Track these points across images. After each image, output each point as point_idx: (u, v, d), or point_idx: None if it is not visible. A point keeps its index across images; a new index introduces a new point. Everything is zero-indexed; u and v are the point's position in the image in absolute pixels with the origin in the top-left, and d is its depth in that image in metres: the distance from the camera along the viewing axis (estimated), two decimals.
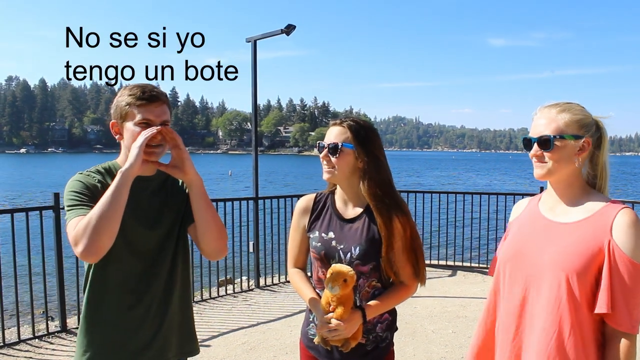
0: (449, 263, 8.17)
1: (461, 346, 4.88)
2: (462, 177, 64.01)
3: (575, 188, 1.67)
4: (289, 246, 2.22)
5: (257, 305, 6.24)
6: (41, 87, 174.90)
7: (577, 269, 1.54)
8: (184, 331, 2.05)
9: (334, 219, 2.07)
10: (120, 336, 1.87)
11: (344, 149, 1.98)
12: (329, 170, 2.02)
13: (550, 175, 1.67)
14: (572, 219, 1.63)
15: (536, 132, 1.66)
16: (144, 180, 1.91)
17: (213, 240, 1.91)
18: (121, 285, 1.87)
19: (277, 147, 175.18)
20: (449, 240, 8.36)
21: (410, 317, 5.60)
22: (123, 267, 1.86)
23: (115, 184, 1.71)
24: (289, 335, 5.16)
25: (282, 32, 7.27)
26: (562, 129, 1.62)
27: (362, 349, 2.00)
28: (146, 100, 1.82)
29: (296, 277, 2.16)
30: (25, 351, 4.70)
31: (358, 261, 1.97)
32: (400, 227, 1.97)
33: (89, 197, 1.79)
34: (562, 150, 1.62)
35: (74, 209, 1.76)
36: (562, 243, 1.61)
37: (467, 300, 6.33)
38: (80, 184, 1.82)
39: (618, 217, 1.54)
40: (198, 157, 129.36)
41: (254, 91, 7.54)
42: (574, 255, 1.56)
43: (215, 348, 4.82)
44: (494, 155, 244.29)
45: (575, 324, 1.55)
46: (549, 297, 1.58)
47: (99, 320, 1.87)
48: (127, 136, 1.86)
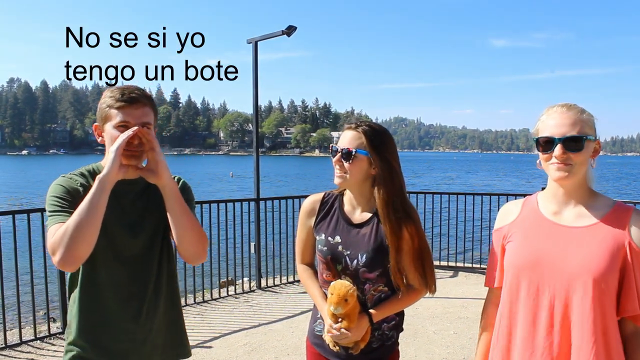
0: (450, 264, 8.17)
1: (462, 347, 4.88)
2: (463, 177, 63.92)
3: (584, 190, 1.66)
4: (297, 241, 2.22)
5: (259, 307, 6.24)
6: (43, 89, 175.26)
7: (605, 272, 1.53)
8: (174, 334, 2.03)
9: (341, 222, 2.05)
10: (109, 339, 1.86)
11: (357, 155, 1.94)
12: (341, 175, 1.98)
13: (573, 179, 1.62)
14: (586, 223, 1.61)
15: (560, 132, 1.59)
16: (128, 183, 1.88)
17: (191, 245, 1.87)
18: (110, 290, 1.85)
19: (279, 148, 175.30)
20: (450, 241, 8.35)
21: (411, 317, 5.58)
22: (111, 272, 1.85)
23: (93, 191, 1.68)
24: (290, 336, 5.16)
25: (283, 34, 7.29)
26: (586, 130, 1.59)
27: (368, 346, 2.01)
28: (125, 102, 1.79)
29: (304, 275, 2.17)
30: (27, 352, 4.70)
31: (364, 269, 1.96)
32: (409, 236, 1.93)
33: (70, 202, 1.77)
34: (586, 152, 1.60)
35: (54, 216, 1.74)
36: (587, 248, 1.58)
37: (469, 301, 6.32)
38: (61, 189, 1.80)
39: (633, 217, 1.55)
40: (199, 159, 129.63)
41: (255, 92, 7.55)
42: (600, 259, 1.54)
43: (217, 349, 4.82)
44: (496, 156, 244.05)
45: (608, 328, 1.54)
46: (583, 304, 1.54)
47: (89, 323, 1.86)
48: (106, 139, 1.83)
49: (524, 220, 1.76)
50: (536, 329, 1.62)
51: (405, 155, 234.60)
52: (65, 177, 1.85)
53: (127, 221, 1.87)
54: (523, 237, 1.72)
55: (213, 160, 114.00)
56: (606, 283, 1.52)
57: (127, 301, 1.87)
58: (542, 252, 1.64)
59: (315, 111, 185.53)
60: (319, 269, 2.12)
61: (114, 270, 1.85)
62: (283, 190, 38.18)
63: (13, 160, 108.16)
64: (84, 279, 1.84)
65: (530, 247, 1.69)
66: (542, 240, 1.67)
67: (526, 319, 1.65)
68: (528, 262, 1.67)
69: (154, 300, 1.93)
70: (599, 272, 1.52)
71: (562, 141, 1.57)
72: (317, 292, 2.09)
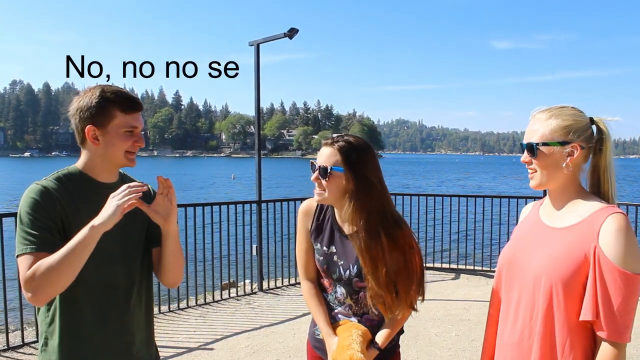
0: (452, 266, 8.17)
1: (464, 349, 4.87)
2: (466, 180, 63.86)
3: (569, 194, 1.64)
4: (298, 254, 2.17)
5: (261, 309, 6.24)
6: (45, 91, 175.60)
7: (562, 275, 1.51)
8: (150, 342, 2.03)
9: (335, 232, 2.06)
10: (90, 351, 1.81)
11: (333, 172, 1.92)
12: (320, 192, 1.97)
13: (543, 184, 1.66)
14: (565, 224, 1.61)
15: (525, 138, 1.66)
16: (110, 187, 1.81)
17: (173, 277, 1.93)
18: (91, 301, 1.79)
19: (281, 150, 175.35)
20: (452, 243, 8.35)
21: (413, 320, 5.57)
22: (92, 283, 1.78)
23: (82, 239, 1.60)
24: (292, 338, 5.16)
25: (285, 36, 7.29)
26: (547, 136, 1.60)
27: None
28: (133, 107, 1.80)
29: (308, 295, 2.12)
30: (29, 355, 4.71)
31: (357, 278, 1.98)
32: (382, 254, 1.90)
33: (46, 225, 1.67)
34: (547, 157, 1.60)
35: (27, 242, 1.65)
36: (549, 249, 1.59)
37: (470, 304, 6.32)
38: (35, 203, 1.68)
39: (606, 222, 1.49)
40: (201, 161, 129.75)
41: (257, 94, 7.55)
42: (558, 262, 1.54)
43: (218, 351, 4.82)
44: (497, 159, 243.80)
45: (560, 331, 1.53)
46: (543, 303, 1.56)
47: (71, 334, 1.78)
48: (108, 142, 1.78)
49: (526, 220, 1.81)
50: (507, 322, 1.72)
51: (407, 158, 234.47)
52: (40, 186, 1.73)
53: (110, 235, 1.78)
54: (515, 236, 1.80)
55: (215, 163, 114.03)
56: (567, 285, 1.51)
57: (105, 313, 1.82)
58: (517, 251, 1.72)
59: (317, 113, 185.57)
60: (319, 275, 2.14)
61: (96, 278, 1.79)
62: (285, 193, 38.21)
63: (15, 163, 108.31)
64: (66, 293, 1.73)
65: (512, 245, 1.77)
66: (523, 240, 1.73)
67: (504, 311, 1.75)
68: (505, 260, 1.75)
69: (132, 309, 1.90)
70: (557, 274, 1.52)
71: (524, 147, 1.66)
72: (323, 318, 2.05)
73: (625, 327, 1.46)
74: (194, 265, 6.36)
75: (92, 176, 1.83)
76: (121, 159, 1.82)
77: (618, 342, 1.47)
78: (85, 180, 1.82)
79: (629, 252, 1.45)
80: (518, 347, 1.66)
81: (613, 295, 1.45)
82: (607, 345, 1.48)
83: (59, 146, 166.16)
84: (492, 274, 7.47)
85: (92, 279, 1.77)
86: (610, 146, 1.62)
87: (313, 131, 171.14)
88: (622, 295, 1.44)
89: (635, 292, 1.46)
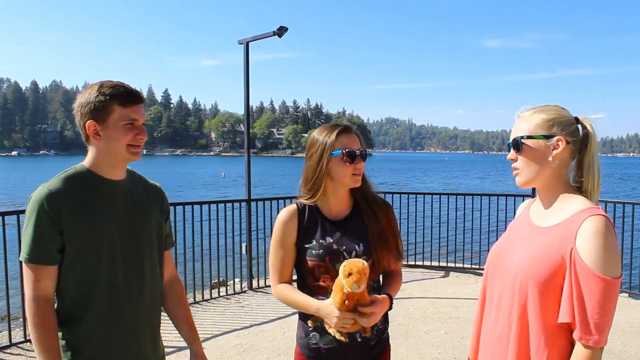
0: (441, 264, 8.19)
1: (454, 347, 4.89)
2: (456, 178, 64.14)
3: (555, 192, 1.63)
4: (272, 262, 2.09)
5: (250, 307, 6.23)
6: (33, 89, 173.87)
7: (537, 276, 1.51)
8: (156, 348, 2.04)
9: (327, 225, 2.05)
10: (99, 351, 1.81)
11: None
12: None
13: (529, 181, 1.65)
14: (549, 224, 1.60)
15: (511, 136, 1.67)
16: (118, 185, 1.86)
17: None
18: (100, 300, 1.79)
19: (270, 149, 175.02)
20: (441, 241, 8.37)
21: (403, 318, 5.61)
22: (102, 283, 1.80)
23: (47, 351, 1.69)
24: (282, 337, 5.16)
25: (274, 34, 7.28)
26: (532, 129, 1.61)
27: (367, 345, 2.00)
28: (133, 99, 1.80)
29: (286, 290, 2.04)
30: (17, 355, 4.67)
31: (364, 257, 1.95)
32: (385, 216, 2.10)
33: (52, 236, 1.71)
34: (533, 151, 1.60)
35: (35, 252, 1.71)
36: (529, 249, 1.59)
37: (460, 302, 6.35)
38: (41, 212, 1.70)
39: (584, 224, 1.47)
40: (191, 159, 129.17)
41: (246, 93, 7.53)
42: (535, 262, 1.53)
43: (208, 350, 4.80)
44: (487, 157, 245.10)
45: (535, 331, 1.52)
46: (519, 301, 1.57)
47: (79, 336, 1.79)
48: (109, 136, 1.78)
49: (519, 217, 1.82)
50: (489, 318, 1.74)
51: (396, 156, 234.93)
52: (46, 189, 1.74)
53: (128, 223, 1.86)
54: (506, 232, 1.82)
55: (205, 161, 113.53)
56: (543, 285, 1.50)
57: (119, 313, 1.84)
58: (504, 248, 1.74)
59: (306, 112, 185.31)
60: (308, 279, 2.03)
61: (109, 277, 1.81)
62: (274, 191, 38.13)
63: (2, 161, 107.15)
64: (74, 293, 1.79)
65: (501, 242, 1.79)
66: (511, 237, 1.75)
67: (486, 306, 1.78)
68: (492, 256, 1.78)
69: (145, 309, 1.91)
70: (533, 274, 1.52)
71: (510, 146, 1.68)
72: (309, 297, 1.97)
73: (600, 331, 1.43)
74: (184, 265, 6.33)
75: (100, 173, 1.83)
76: (123, 152, 1.81)
77: (592, 346, 1.44)
78: (93, 177, 1.82)
79: (605, 255, 1.43)
80: (498, 343, 1.66)
81: (588, 299, 1.43)
82: (582, 347, 1.46)
83: (46, 145, 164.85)
84: (481, 272, 7.51)
85: (102, 279, 1.79)
86: (596, 144, 1.61)
87: (303, 130, 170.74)
88: (597, 299, 1.42)
89: (611, 295, 1.43)
